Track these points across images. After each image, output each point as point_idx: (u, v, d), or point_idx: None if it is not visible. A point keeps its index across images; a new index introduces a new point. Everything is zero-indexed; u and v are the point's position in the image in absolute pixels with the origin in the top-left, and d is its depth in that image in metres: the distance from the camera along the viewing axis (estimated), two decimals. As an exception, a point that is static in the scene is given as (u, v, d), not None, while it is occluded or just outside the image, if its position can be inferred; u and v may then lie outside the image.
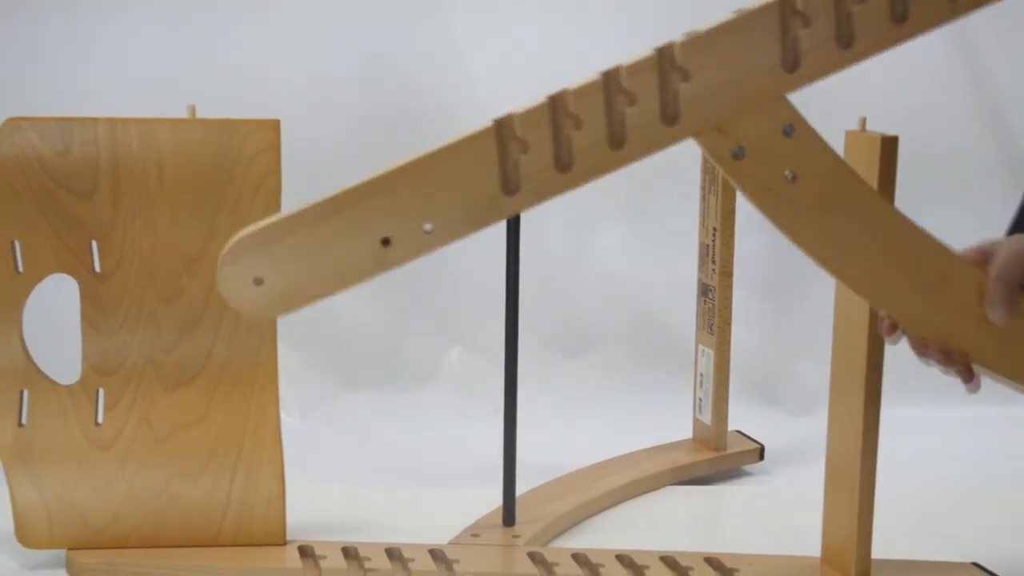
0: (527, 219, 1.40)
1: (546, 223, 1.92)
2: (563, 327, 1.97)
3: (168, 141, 1.25)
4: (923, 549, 1.37)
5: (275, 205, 1.27)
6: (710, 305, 1.62)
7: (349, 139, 1.90)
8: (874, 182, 1.20)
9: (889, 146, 1.20)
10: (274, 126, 1.26)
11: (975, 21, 1.65)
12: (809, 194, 1.08)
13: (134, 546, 1.31)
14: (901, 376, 1.73)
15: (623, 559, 1.32)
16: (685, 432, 1.69)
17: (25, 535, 1.30)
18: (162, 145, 1.25)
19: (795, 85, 1.05)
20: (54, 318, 1.37)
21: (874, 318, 1.23)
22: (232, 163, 1.26)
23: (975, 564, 1.33)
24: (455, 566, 1.29)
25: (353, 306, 1.91)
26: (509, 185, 1.02)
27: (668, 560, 1.31)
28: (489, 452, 1.48)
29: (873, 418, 1.26)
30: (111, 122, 1.25)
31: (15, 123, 1.23)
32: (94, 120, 1.24)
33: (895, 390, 1.51)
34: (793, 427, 1.83)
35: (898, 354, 1.59)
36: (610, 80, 1.02)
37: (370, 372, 1.91)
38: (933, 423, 1.85)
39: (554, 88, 1.02)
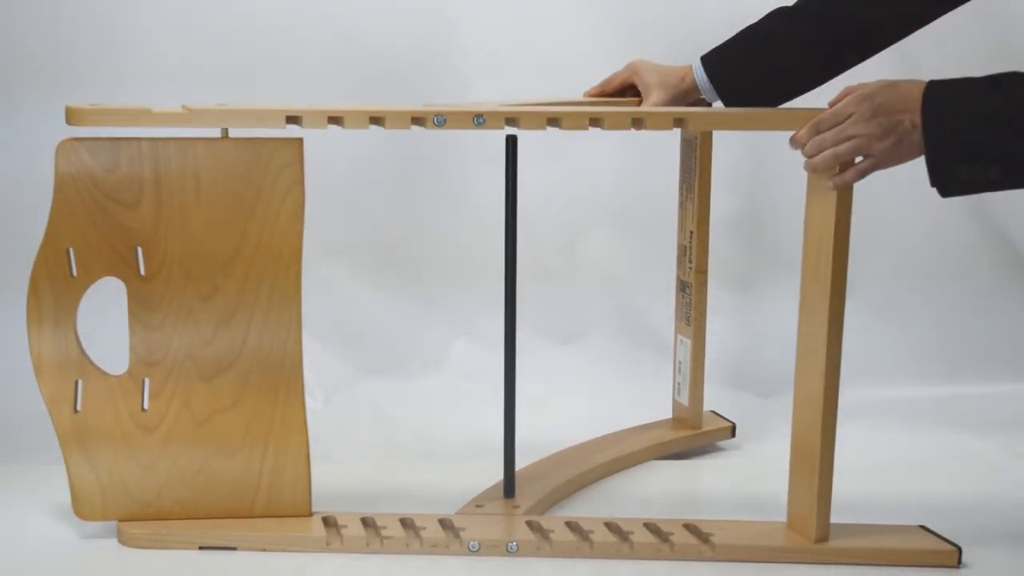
0: (524, 223, 1.40)
1: (542, 227, 1.91)
2: (556, 319, 1.96)
3: (204, 157, 1.25)
4: (877, 514, 1.37)
5: (300, 213, 1.27)
6: (687, 299, 1.61)
7: (359, 149, 1.89)
8: (833, 200, 1.22)
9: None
10: (297, 144, 1.26)
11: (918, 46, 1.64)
12: None
13: (177, 518, 1.31)
14: (858, 362, 1.74)
15: (611, 526, 1.32)
16: (665, 412, 1.68)
17: (81, 509, 1.30)
18: (199, 161, 1.25)
19: None
20: (104, 316, 1.36)
21: (834, 312, 1.23)
22: (261, 176, 1.26)
23: (922, 527, 1.33)
24: (462, 533, 1.29)
25: (370, 303, 1.91)
26: None
27: (651, 526, 1.32)
28: (491, 431, 1.48)
29: (832, 399, 1.26)
30: (154, 142, 1.24)
31: (70, 144, 1.23)
32: (139, 140, 1.24)
33: (853, 374, 1.53)
34: (762, 407, 1.82)
35: (857, 342, 1.60)
36: None
37: (385, 361, 1.89)
38: (886, 403, 1.83)
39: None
